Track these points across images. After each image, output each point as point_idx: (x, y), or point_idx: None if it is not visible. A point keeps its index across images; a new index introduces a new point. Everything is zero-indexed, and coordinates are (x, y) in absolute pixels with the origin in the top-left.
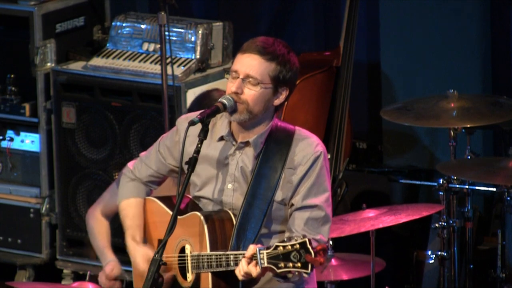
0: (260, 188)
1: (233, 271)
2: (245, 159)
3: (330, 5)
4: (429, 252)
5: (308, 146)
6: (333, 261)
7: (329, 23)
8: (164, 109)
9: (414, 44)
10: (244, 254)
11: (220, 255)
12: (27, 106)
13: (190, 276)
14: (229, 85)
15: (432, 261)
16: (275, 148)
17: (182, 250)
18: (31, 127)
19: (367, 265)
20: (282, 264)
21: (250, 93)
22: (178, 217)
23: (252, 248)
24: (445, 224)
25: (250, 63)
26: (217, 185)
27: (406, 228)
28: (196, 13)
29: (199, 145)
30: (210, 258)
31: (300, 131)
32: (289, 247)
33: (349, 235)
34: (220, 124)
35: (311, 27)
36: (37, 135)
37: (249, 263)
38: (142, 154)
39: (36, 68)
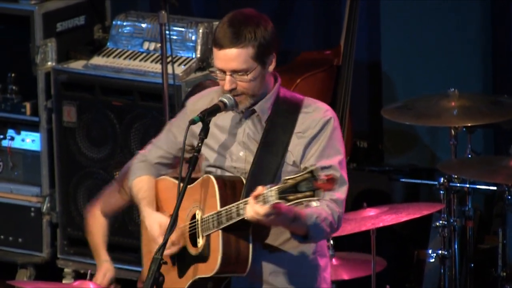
0: (269, 152)
1: (242, 227)
2: (251, 126)
3: (330, 3)
4: (430, 251)
5: (317, 112)
6: (334, 261)
7: (330, 21)
8: (165, 108)
9: (415, 43)
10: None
11: (229, 207)
12: (27, 105)
13: (200, 241)
14: (221, 83)
15: (433, 260)
16: (283, 114)
17: (194, 218)
18: (32, 126)
19: (368, 264)
20: (291, 196)
21: (244, 84)
22: (188, 186)
23: (260, 188)
24: (445, 223)
25: (229, 58)
26: (229, 153)
27: (406, 227)
28: (197, 12)
29: (199, 144)
30: (220, 214)
31: (309, 100)
32: (299, 177)
33: (349, 234)
34: None
35: (311, 25)
36: (37, 134)
37: (256, 202)
38: (154, 139)
39: (37, 67)
